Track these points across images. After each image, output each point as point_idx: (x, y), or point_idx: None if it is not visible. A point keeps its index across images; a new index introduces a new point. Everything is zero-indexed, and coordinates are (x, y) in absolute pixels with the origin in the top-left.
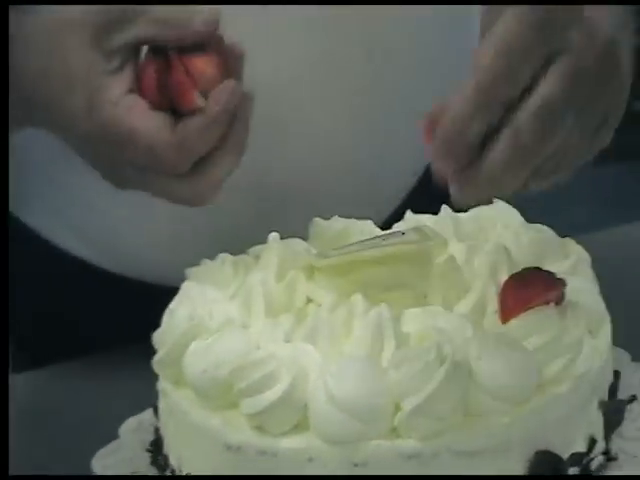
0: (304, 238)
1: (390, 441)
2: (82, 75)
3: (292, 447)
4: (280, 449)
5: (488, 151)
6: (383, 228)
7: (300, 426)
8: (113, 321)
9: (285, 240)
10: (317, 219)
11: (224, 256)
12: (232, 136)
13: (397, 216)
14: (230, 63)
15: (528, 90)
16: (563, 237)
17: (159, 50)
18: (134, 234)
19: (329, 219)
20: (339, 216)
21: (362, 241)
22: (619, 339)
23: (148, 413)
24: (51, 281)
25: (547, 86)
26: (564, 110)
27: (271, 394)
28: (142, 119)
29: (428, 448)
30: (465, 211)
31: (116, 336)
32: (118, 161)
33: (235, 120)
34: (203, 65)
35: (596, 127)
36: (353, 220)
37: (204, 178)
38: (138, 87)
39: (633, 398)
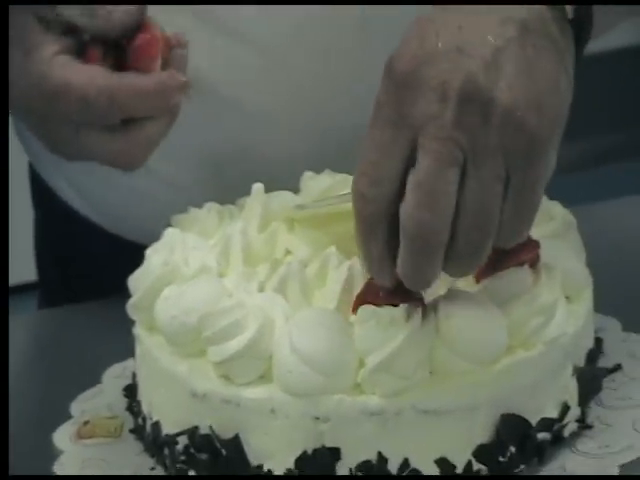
0: None
1: (353, 397)
2: (20, 32)
3: (255, 397)
4: (243, 399)
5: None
6: None
7: (265, 377)
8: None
9: (273, 192)
10: (308, 173)
11: (210, 205)
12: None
13: None
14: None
15: None
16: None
17: None
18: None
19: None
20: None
21: (342, 194)
22: (611, 308)
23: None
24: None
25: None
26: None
27: (237, 343)
28: (76, 72)
29: (391, 405)
30: None
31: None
32: (54, 120)
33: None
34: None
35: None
36: (345, 175)
37: (135, 138)
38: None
39: (618, 367)
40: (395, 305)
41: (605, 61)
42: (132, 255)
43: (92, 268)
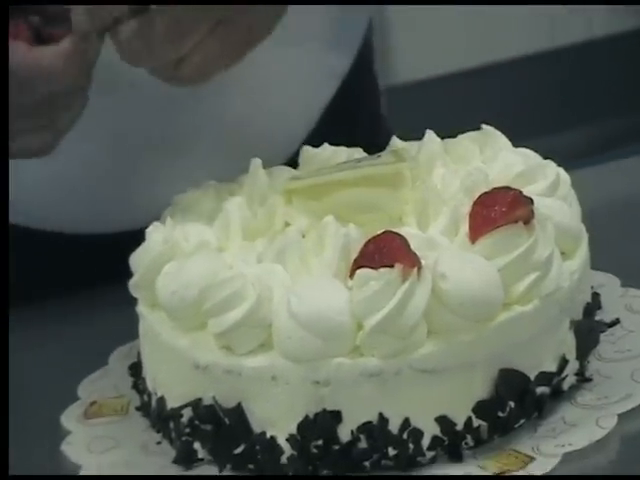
0: None
1: (352, 359)
2: None
3: (256, 366)
4: (244, 368)
5: None
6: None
7: (265, 345)
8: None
9: (271, 167)
10: (306, 147)
11: (210, 183)
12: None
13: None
14: None
15: None
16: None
17: None
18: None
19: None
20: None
21: (338, 164)
22: (611, 265)
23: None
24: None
25: None
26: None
27: (236, 313)
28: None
29: (390, 366)
30: (452, 137)
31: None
32: None
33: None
34: None
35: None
36: (342, 147)
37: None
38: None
39: (616, 321)
40: (391, 267)
41: (614, 46)
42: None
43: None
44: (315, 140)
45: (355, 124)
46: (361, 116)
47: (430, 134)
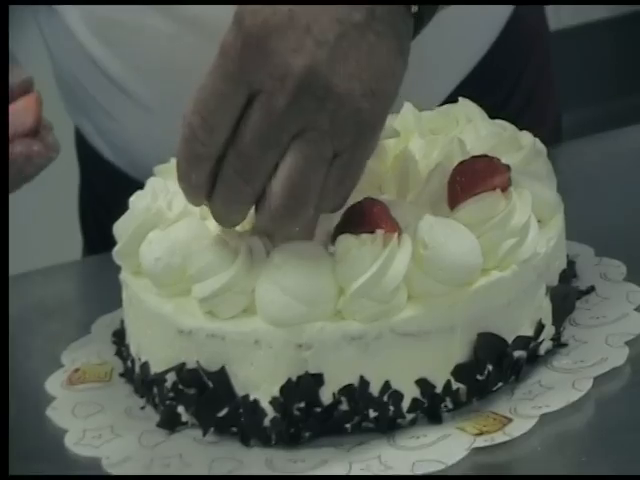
0: None
1: (334, 323)
2: None
3: (239, 330)
4: (228, 332)
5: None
6: None
7: (249, 310)
8: None
9: None
10: None
11: None
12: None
13: None
14: None
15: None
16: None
17: None
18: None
19: None
20: None
21: None
22: (585, 236)
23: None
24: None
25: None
26: (267, 147)
27: (220, 278)
28: None
29: (371, 329)
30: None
31: None
32: None
33: None
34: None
35: (323, 158)
36: None
37: None
38: None
39: (591, 288)
40: (372, 233)
41: (616, 27)
42: None
43: None
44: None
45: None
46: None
47: (407, 105)
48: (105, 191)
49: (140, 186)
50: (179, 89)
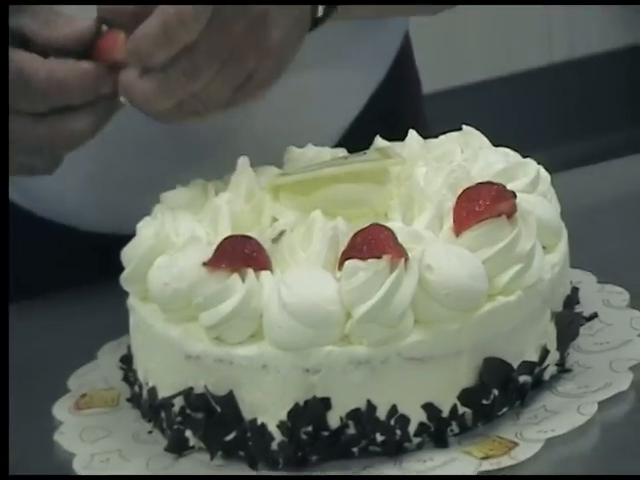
0: None
1: (341, 347)
2: None
3: (247, 355)
4: (235, 357)
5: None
6: None
7: (256, 335)
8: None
9: (259, 167)
10: (291, 147)
11: (197, 181)
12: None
13: None
14: None
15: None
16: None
17: None
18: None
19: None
20: None
21: (325, 161)
22: (587, 263)
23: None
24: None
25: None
26: (207, 58)
27: (226, 306)
28: (14, 53)
29: (378, 354)
30: (435, 137)
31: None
32: None
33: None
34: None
35: (240, 82)
36: (326, 147)
37: (59, 130)
38: None
39: (594, 315)
40: (379, 258)
41: (607, 61)
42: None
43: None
44: (355, 134)
45: (395, 121)
46: (401, 113)
47: (413, 134)
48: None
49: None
50: None
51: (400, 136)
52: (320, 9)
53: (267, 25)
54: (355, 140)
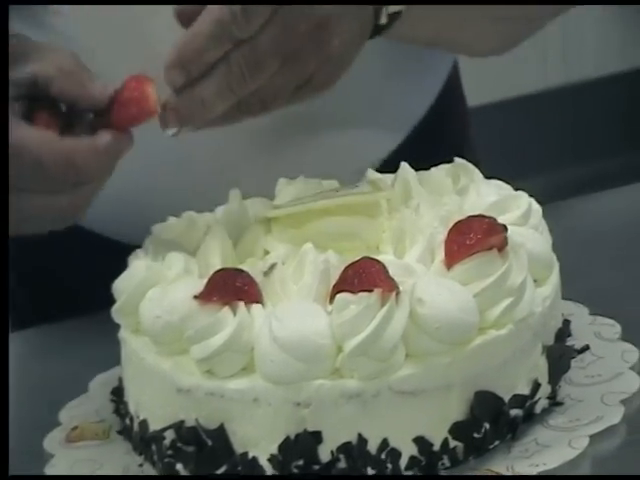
0: None
1: (332, 381)
2: None
3: (238, 388)
4: (227, 390)
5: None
6: None
7: (248, 369)
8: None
9: (249, 199)
10: (282, 179)
11: (188, 214)
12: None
13: None
14: None
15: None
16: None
17: None
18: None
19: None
20: None
21: (317, 194)
22: (580, 294)
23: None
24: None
25: (260, 36)
26: (269, 54)
27: (217, 340)
28: (28, 132)
29: (370, 387)
30: (426, 169)
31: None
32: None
33: None
34: None
35: (297, 83)
36: (317, 180)
37: (78, 197)
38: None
39: (586, 347)
40: (370, 292)
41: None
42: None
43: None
44: (402, 156)
45: (442, 143)
46: (449, 136)
47: (404, 166)
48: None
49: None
50: None
51: (448, 159)
52: (384, 15)
53: (330, 30)
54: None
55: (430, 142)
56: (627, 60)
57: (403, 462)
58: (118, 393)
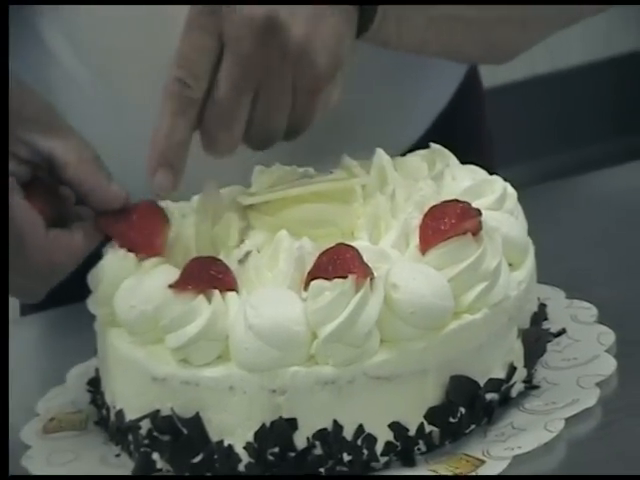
0: None
1: (307, 368)
2: None
3: (213, 376)
4: (202, 379)
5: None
6: None
7: (223, 357)
8: None
9: (225, 187)
10: (258, 167)
11: (164, 202)
12: None
13: None
14: None
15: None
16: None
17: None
18: None
19: None
20: None
21: (292, 181)
22: (556, 278)
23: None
24: None
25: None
26: (240, 91)
27: (192, 328)
28: (21, 212)
29: (344, 374)
30: (402, 154)
31: None
32: None
33: None
34: None
35: (286, 102)
36: (294, 167)
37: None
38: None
39: (562, 331)
40: (344, 278)
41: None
42: None
43: None
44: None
45: (462, 139)
46: (469, 131)
47: (380, 152)
48: None
49: None
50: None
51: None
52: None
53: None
54: None
55: (448, 137)
56: (613, 46)
57: (379, 448)
58: (95, 384)
